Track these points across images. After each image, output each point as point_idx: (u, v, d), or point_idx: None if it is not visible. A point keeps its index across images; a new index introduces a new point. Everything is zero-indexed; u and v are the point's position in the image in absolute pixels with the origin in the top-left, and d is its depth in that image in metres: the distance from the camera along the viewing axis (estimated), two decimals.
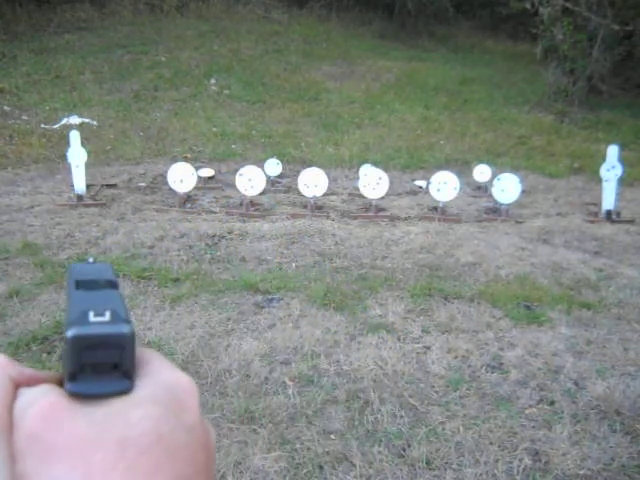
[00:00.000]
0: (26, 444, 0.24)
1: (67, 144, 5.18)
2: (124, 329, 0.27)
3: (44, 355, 2.74)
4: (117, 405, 0.26)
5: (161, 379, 0.28)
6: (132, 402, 0.26)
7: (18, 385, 0.28)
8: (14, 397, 0.27)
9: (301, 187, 5.06)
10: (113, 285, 0.30)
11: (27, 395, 0.26)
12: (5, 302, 3.21)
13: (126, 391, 0.26)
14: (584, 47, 9.29)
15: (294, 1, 13.32)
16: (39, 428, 0.24)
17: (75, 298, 0.29)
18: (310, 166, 6.59)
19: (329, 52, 11.51)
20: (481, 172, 6.01)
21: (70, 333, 0.26)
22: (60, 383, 0.27)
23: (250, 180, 4.95)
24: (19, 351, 2.76)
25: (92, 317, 0.27)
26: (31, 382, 0.28)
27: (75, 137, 5.09)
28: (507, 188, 5.09)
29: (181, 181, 4.99)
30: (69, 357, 0.26)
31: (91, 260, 0.33)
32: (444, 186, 5.01)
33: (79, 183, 5.05)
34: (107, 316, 0.27)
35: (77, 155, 5.06)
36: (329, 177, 6.21)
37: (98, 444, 0.24)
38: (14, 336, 2.88)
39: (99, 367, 0.26)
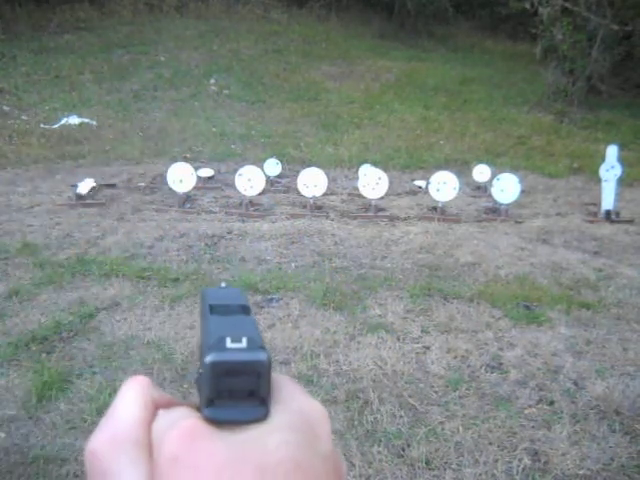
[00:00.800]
0: (167, 466, 0.25)
1: (67, 144, 5.18)
2: (261, 356, 0.27)
3: (43, 355, 2.74)
4: (254, 431, 0.26)
5: (295, 406, 0.28)
6: (269, 429, 0.26)
7: (157, 407, 0.28)
8: (153, 418, 0.27)
9: (300, 187, 5.06)
10: (246, 310, 0.31)
11: (166, 417, 0.27)
12: (4, 302, 3.21)
13: (262, 418, 0.26)
14: (583, 47, 9.29)
15: (293, 1, 13.32)
16: (180, 450, 0.25)
17: (211, 323, 0.29)
18: (309, 166, 6.60)
19: (328, 52, 11.51)
20: (481, 172, 6.01)
21: (209, 359, 0.26)
22: (196, 409, 0.28)
23: (250, 180, 4.95)
24: (18, 351, 2.76)
25: (229, 343, 0.27)
26: (169, 405, 0.29)
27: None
28: (507, 188, 5.10)
29: (180, 181, 4.99)
30: (207, 382, 0.26)
31: (223, 285, 0.34)
32: (443, 186, 5.01)
33: (83, 187, 5.08)
34: (244, 342, 0.27)
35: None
36: (328, 177, 6.21)
37: (237, 469, 0.24)
38: (13, 336, 2.88)
39: (236, 393, 0.26)
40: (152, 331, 2.96)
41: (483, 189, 5.98)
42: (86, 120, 7.60)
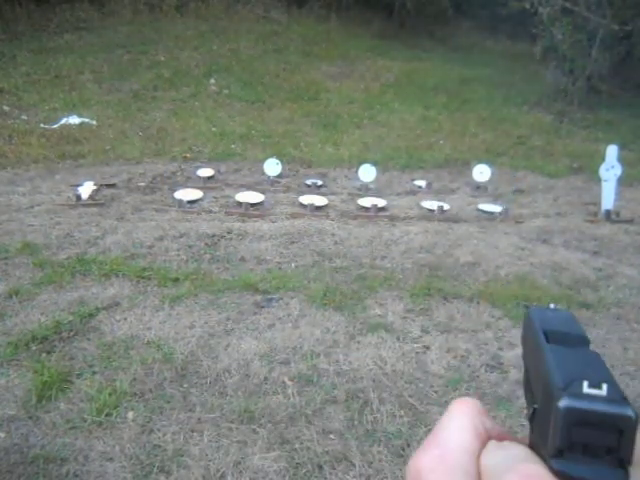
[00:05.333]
0: None
1: (67, 144, 5.16)
2: (627, 411, 0.24)
3: (43, 355, 2.74)
4: None
5: None
6: None
7: (489, 437, 0.27)
8: (483, 448, 0.26)
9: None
10: (586, 342, 0.28)
11: (500, 453, 0.25)
12: (4, 302, 3.21)
13: None
14: (583, 47, 9.28)
15: (293, 1, 13.31)
16: None
17: (550, 354, 0.27)
18: (310, 166, 6.60)
19: (328, 52, 11.51)
20: (480, 172, 6.02)
21: (563, 403, 0.24)
22: (529, 447, 0.26)
23: None
24: (18, 351, 2.76)
25: (586, 388, 0.24)
26: (500, 438, 0.27)
27: None
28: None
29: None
30: (557, 429, 0.24)
31: (552, 306, 0.32)
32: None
33: (84, 191, 5.09)
34: (604, 390, 0.24)
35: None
36: (328, 177, 6.21)
37: None
38: (13, 336, 2.88)
39: (590, 448, 0.24)
40: (152, 331, 2.96)
41: (483, 189, 5.99)
42: (86, 120, 7.60)
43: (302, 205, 5.11)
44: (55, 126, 7.32)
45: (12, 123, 7.37)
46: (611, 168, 5.14)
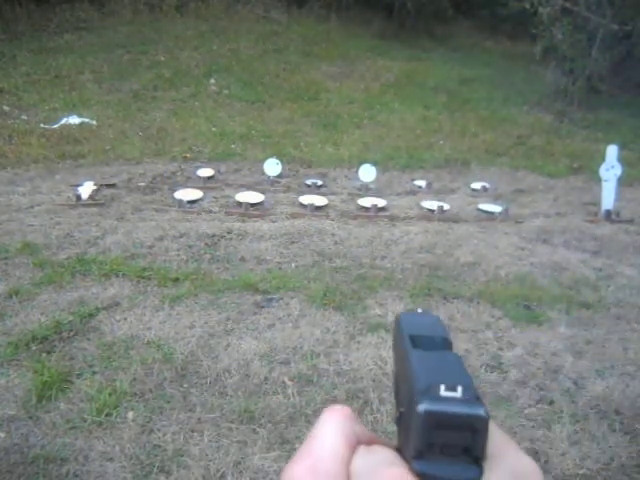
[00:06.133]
0: None
1: (67, 144, 5.15)
2: (479, 411, 0.25)
3: (43, 355, 2.74)
4: None
5: (509, 466, 0.26)
6: None
7: (358, 442, 0.28)
8: (353, 453, 0.27)
9: None
10: (449, 345, 0.30)
11: (368, 458, 0.26)
12: (4, 302, 3.21)
13: (475, 479, 0.25)
14: (583, 47, 9.28)
15: (293, 1, 13.31)
16: None
17: (415, 359, 0.28)
18: (310, 166, 6.60)
19: (328, 52, 11.51)
20: (480, 185, 6.06)
21: (422, 407, 0.25)
22: (396, 450, 0.27)
23: None
24: (19, 351, 2.76)
25: (443, 391, 0.26)
26: (370, 443, 0.28)
27: None
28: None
29: None
30: (417, 432, 0.25)
31: (420, 310, 0.33)
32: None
33: (84, 191, 5.09)
34: (459, 392, 0.26)
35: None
36: (328, 177, 6.21)
37: None
38: (13, 336, 2.88)
39: (448, 448, 0.25)
40: (152, 331, 2.96)
41: (483, 189, 5.99)
42: (86, 120, 7.60)
43: (302, 205, 5.11)
44: (55, 126, 7.32)
45: (12, 123, 7.37)
46: (611, 168, 5.14)
